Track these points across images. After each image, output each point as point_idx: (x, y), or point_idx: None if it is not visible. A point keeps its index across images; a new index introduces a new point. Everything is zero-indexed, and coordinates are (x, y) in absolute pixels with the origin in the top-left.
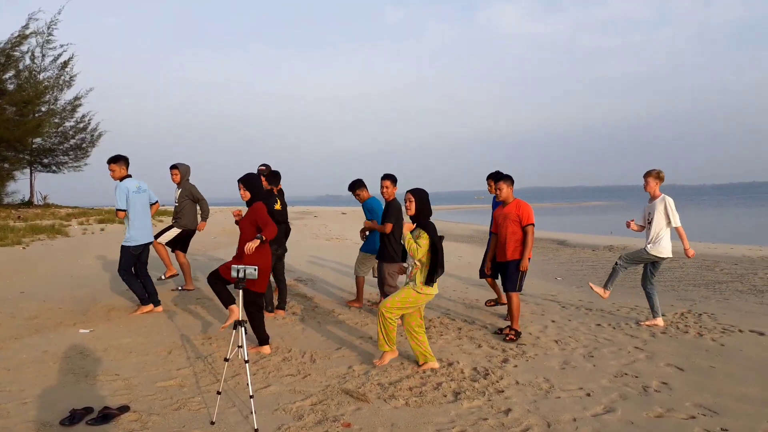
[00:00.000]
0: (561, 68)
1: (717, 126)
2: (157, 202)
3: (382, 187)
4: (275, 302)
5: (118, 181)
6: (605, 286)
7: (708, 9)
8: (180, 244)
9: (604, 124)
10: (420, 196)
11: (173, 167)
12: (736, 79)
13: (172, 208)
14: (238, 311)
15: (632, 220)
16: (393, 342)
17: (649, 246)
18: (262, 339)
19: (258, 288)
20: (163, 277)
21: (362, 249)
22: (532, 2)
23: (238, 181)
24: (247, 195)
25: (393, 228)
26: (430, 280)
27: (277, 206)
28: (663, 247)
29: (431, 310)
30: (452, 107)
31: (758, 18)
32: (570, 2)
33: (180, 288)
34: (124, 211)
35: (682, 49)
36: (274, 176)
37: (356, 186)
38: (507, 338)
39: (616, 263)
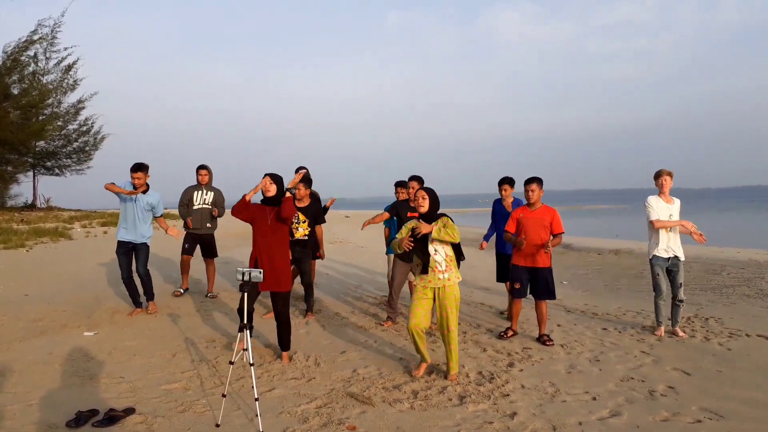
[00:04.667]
0: (564, 72)
1: (722, 129)
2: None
3: (410, 188)
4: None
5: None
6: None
7: (710, 13)
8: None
9: (608, 128)
10: (433, 195)
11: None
12: (740, 82)
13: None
14: None
15: None
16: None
17: None
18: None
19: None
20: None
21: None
22: (535, 7)
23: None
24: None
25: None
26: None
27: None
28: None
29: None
30: (455, 111)
31: (762, 22)
32: (572, 7)
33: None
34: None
35: (686, 53)
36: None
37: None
38: (547, 343)
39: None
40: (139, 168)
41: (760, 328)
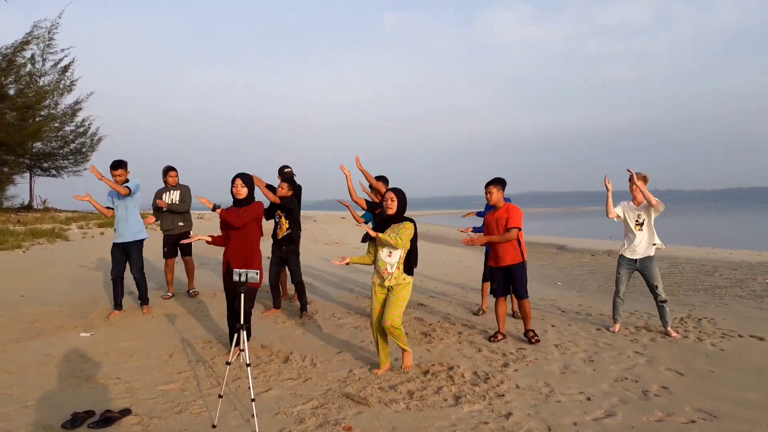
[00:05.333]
0: (559, 73)
1: (718, 131)
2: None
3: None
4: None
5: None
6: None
7: (706, 15)
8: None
9: (602, 129)
10: (401, 195)
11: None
12: (733, 84)
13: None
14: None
15: None
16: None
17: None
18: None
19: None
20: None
21: None
22: (531, 8)
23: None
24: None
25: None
26: (410, 270)
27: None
28: None
29: (432, 314)
30: (451, 112)
31: (756, 24)
32: (569, 8)
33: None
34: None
35: (681, 55)
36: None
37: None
38: (533, 340)
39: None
40: (119, 165)
41: (753, 328)
